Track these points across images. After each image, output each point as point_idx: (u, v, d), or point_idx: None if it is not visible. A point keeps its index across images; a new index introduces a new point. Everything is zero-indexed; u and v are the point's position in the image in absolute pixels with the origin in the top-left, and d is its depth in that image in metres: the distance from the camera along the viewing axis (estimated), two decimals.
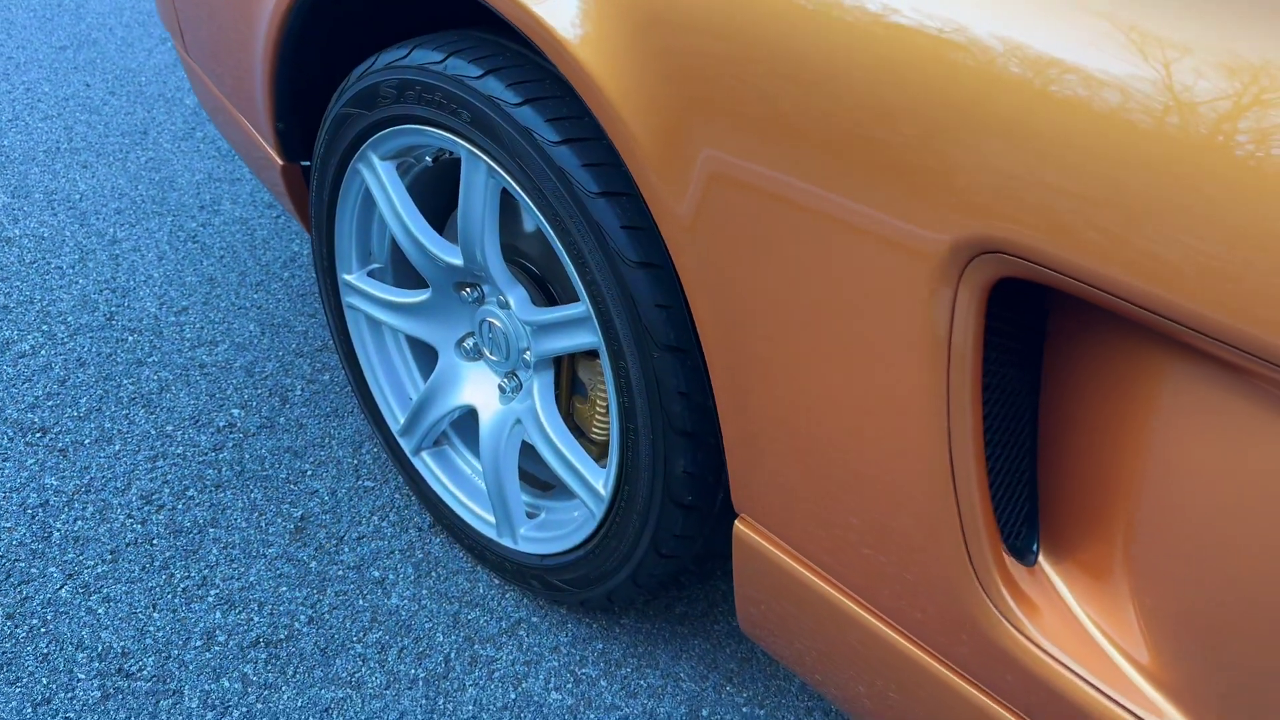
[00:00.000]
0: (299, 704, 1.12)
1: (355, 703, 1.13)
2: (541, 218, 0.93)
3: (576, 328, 1.00)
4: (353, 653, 1.19)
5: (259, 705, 1.12)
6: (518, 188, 0.94)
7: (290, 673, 1.16)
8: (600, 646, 1.22)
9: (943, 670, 0.80)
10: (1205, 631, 0.66)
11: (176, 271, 1.84)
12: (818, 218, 0.70)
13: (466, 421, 1.30)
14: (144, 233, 1.96)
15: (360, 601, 1.25)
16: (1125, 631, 0.72)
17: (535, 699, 1.15)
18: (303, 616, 1.22)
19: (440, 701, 1.14)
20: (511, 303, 1.07)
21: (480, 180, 0.99)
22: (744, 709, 1.16)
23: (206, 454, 1.44)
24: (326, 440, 1.48)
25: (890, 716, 0.90)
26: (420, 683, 1.16)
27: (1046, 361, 0.72)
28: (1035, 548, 0.77)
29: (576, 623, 1.24)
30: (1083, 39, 0.57)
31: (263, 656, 1.17)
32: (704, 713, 1.15)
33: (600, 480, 1.05)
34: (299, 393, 1.57)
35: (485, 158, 0.96)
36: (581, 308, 0.97)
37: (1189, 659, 0.68)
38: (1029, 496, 0.76)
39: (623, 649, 1.22)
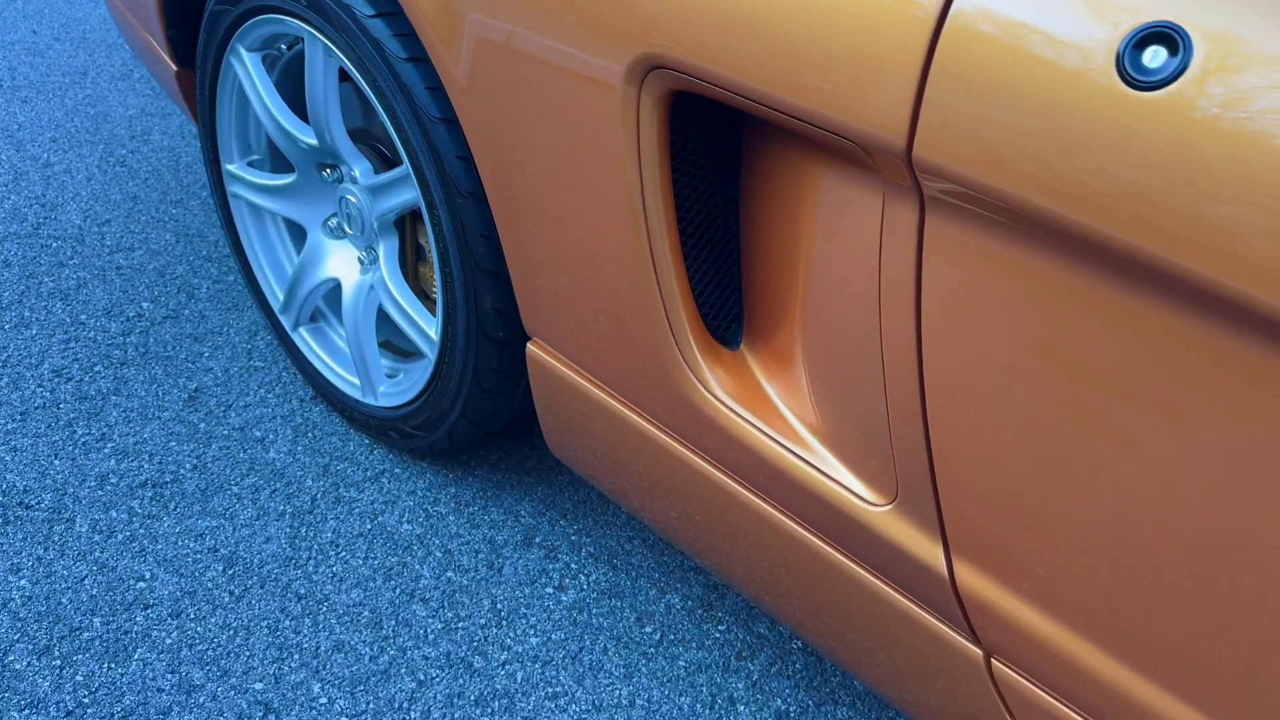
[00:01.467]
0: (177, 530, 1.29)
1: (227, 530, 1.29)
2: (365, 85, 1.09)
3: (401, 185, 1.16)
4: (229, 493, 1.35)
5: (141, 531, 1.28)
6: (347, 60, 1.10)
7: (172, 507, 1.32)
8: (453, 491, 1.38)
9: (679, 448, 0.97)
10: (849, 395, 0.83)
11: (103, 190, 1.99)
12: (541, 64, 0.86)
13: (339, 300, 1.45)
14: (76, 158, 2.10)
15: (241, 455, 1.41)
16: (799, 400, 0.88)
17: (388, 529, 1.31)
18: (188, 465, 1.38)
19: (303, 530, 1.30)
20: (358, 174, 1.23)
21: (319, 58, 1.15)
22: (572, 538, 1.33)
23: (115, 338, 1.60)
24: (225, 329, 1.64)
25: (670, 519, 1.07)
26: (287, 516, 1.32)
27: (743, 175, 0.89)
28: (740, 337, 0.93)
29: (434, 473, 1.40)
30: None
31: (149, 495, 1.33)
32: (537, 539, 1.32)
33: (433, 328, 1.21)
34: (205, 290, 1.73)
35: (321, 37, 1.12)
36: (404, 167, 1.12)
37: (838, 416, 0.84)
38: (737, 296, 0.93)
39: (473, 493, 1.38)
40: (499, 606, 1.23)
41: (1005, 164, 0.61)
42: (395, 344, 1.45)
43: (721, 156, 0.88)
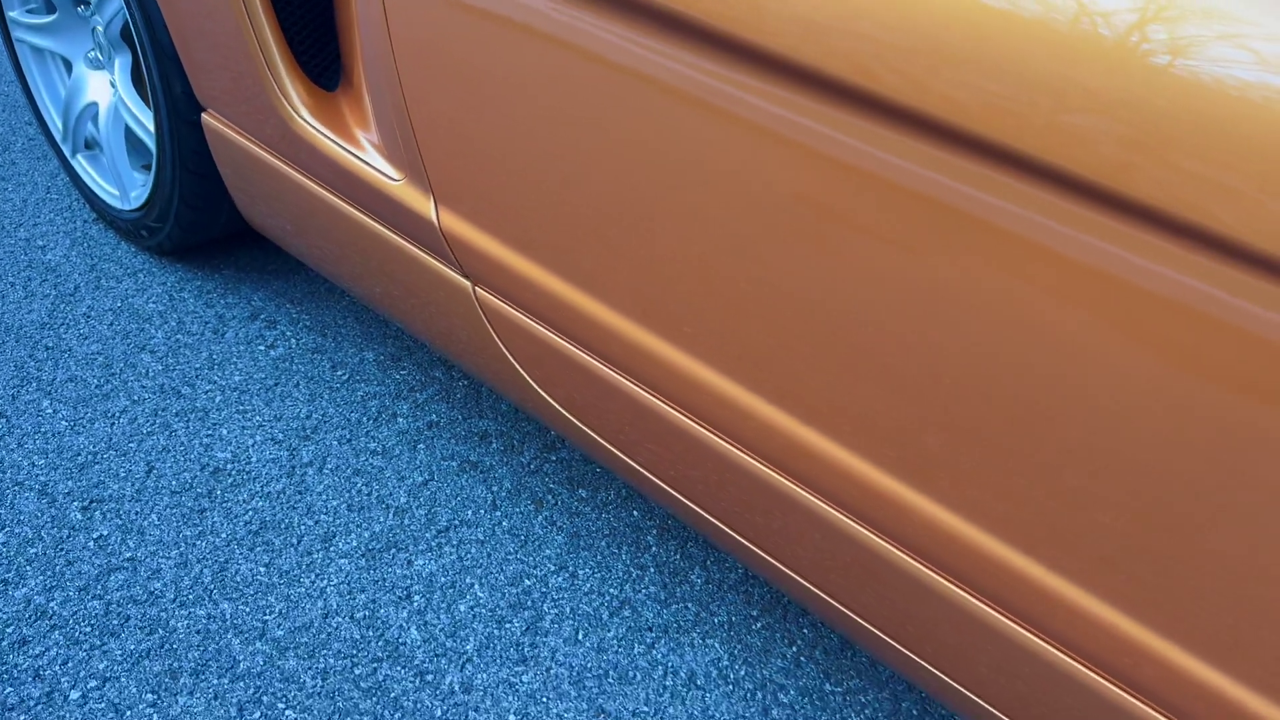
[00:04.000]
0: None
1: None
2: None
3: None
4: (4, 281, 1.60)
5: None
6: None
7: None
8: (199, 284, 1.64)
9: (299, 175, 1.23)
10: (383, 110, 1.09)
11: None
12: None
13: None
14: None
15: (22, 257, 1.66)
16: (364, 119, 1.15)
17: (135, 307, 1.57)
18: None
19: (62, 306, 1.56)
20: None
21: None
22: (294, 315, 1.59)
23: None
24: (31, 173, 1.88)
25: (307, 241, 1.33)
26: (51, 297, 1.57)
27: None
28: (338, 81, 1.20)
29: (186, 270, 1.66)
30: None
31: None
32: (262, 316, 1.58)
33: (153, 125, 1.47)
34: (19, 145, 1.97)
35: None
36: None
37: (380, 126, 1.11)
38: (335, 47, 1.19)
39: (215, 284, 1.64)
40: (215, 357, 1.49)
41: None
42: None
43: None
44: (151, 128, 1.49)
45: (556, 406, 1.09)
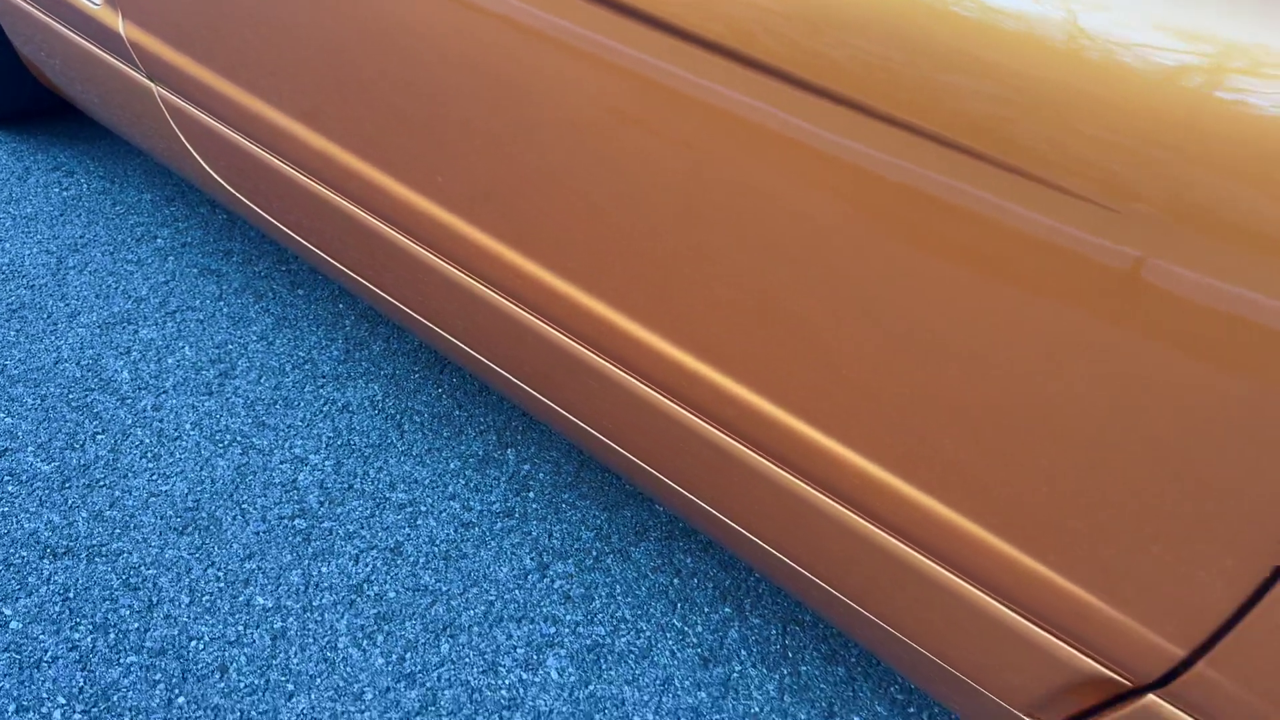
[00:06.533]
0: None
1: None
2: None
3: None
4: None
5: None
6: None
7: None
8: (14, 145, 1.91)
9: (71, 32, 1.50)
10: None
11: None
12: None
13: None
14: None
15: None
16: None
17: None
18: None
19: None
20: None
21: None
22: (91, 167, 1.86)
23: None
24: None
25: (75, 87, 1.60)
26: None
27: None
28: None
29: (3, 135, 1.93)
30: None
31: None
32: (63, 169, 1.85)
33: None
34: None
35: None
36: None
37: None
38: None
39: (29, 146, 1.91)
40: (14, 195, 1.76)
41: None
42: None
43: None
44: None
45: (224, 184, 1.36)
